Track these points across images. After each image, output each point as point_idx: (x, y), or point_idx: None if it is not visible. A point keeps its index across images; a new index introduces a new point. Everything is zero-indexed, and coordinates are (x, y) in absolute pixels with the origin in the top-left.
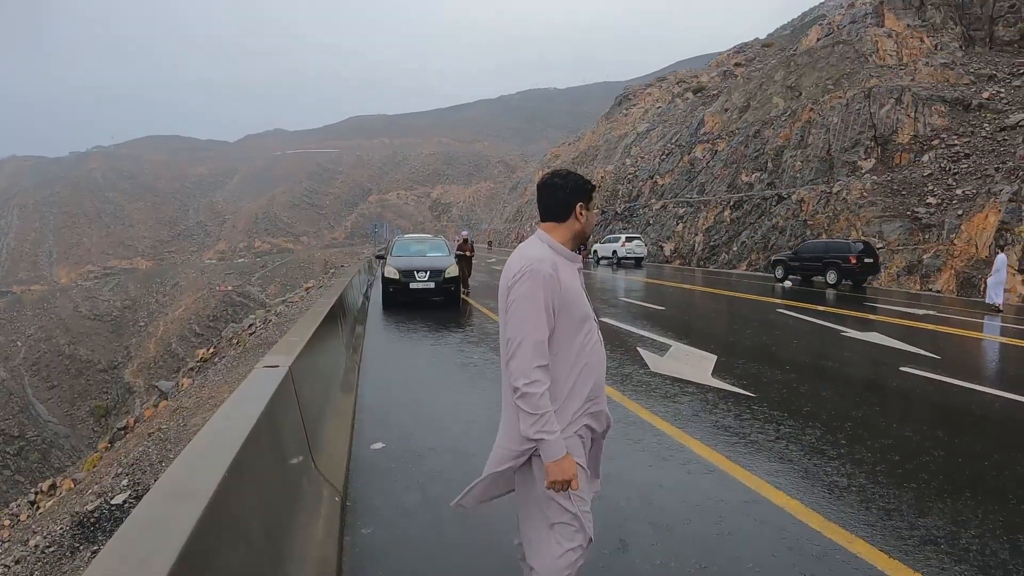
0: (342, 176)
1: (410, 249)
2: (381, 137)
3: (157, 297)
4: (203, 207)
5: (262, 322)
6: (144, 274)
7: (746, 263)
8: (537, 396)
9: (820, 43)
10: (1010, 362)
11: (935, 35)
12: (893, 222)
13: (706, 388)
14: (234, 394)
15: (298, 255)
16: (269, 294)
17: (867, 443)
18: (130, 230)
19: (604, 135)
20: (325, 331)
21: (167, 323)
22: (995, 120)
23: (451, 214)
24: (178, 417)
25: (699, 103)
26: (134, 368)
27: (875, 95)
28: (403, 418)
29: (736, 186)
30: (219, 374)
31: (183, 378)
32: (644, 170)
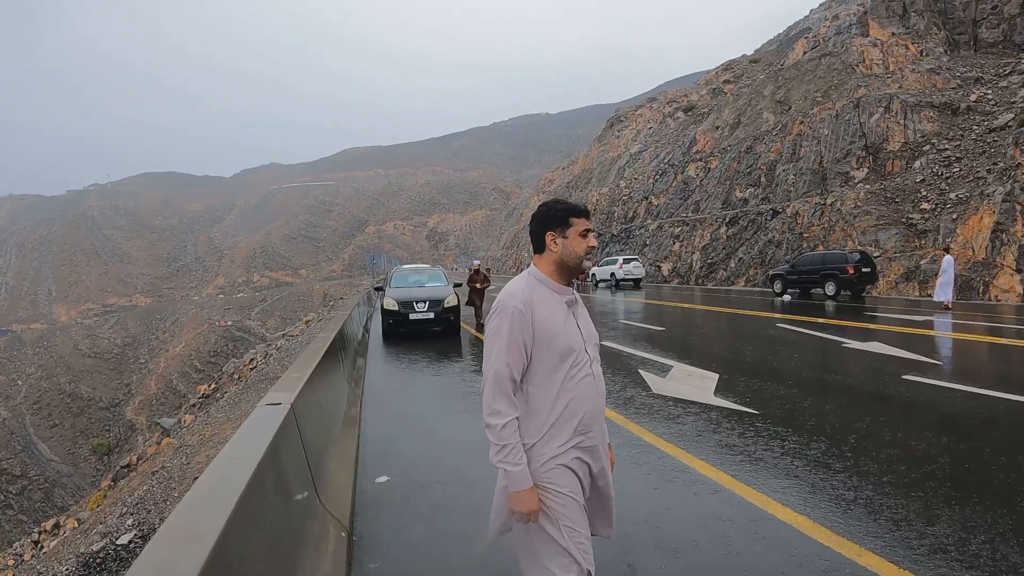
0: (338, 208)
1: (408, 280)
2: (376, 168)
3: (157, 334)
4: (200, 243)
5: (263, 356)
6: (143, 311)
7: (744, 279)
8: (498, 427)
9: (807, 56)
10: (1012, 363)
11: (920, 41)
12: (889, 230)
13: (709, 407)
14: (237, 434)
15: (297, 288)
16: (269, 328)
17: (872, 454)
18: (128, 267)
19: (597, 158)
20: (326, 365)
21: (168, 359)
22: (984, 122)
23: (448, 243)
24: (181, 455)
25: (690, 122)
26: (135, 405)
27: (864, 104)
28: (407, 450)
29: (731, 202)
30: (221, 410)
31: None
32: (638, 191)
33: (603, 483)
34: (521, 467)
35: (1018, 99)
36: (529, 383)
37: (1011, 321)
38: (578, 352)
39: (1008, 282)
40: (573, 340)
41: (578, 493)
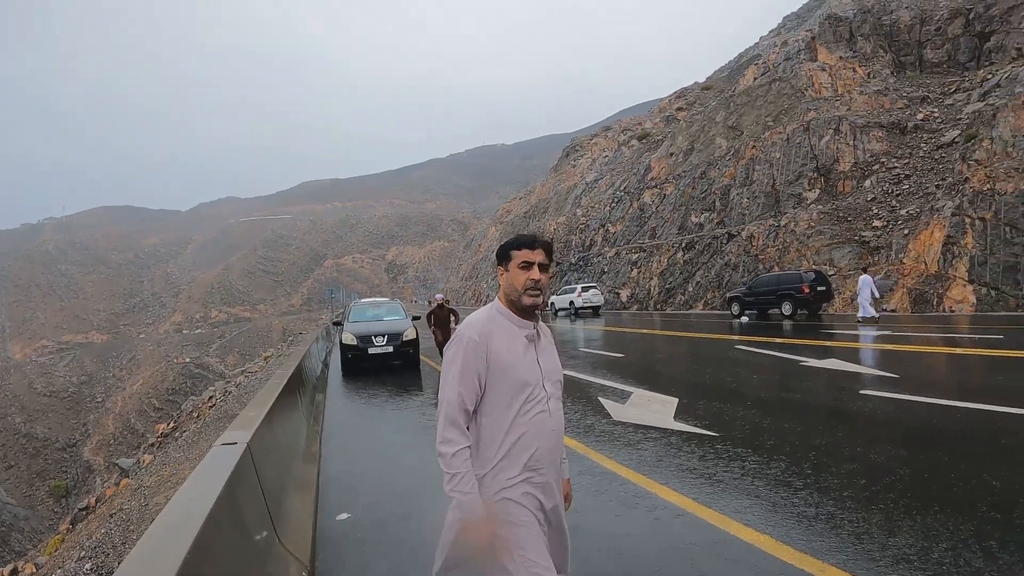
0: (297, 242)
1: (367, 314)
2: (334, 201)
3: (114, 372)
4: (158, 278)
5: (222, 394)
6: (100, 348)
7: (702, 302)
8: (449, 455)
9: (757, 82)
10: (966, 372)
11: (867, 64)
12: (842, 248)
13: (669, 432)
14: (192, 475)
15: (256, 324)
16: (228, 364)
17: (832, 470)
18: (84, 303)
19: (554, 187)
20: (284, 403)
21: (125, 398)
22: (932, 139)
23: (407, 275)
24: (140, 496)
25: (645, 149)
26: (93, 446)
27: (814, 127)
28: (368, 486)
29: (687, 227)
30: (180, 450)
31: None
32: (595, 219)
33: (555, 520)
34: (472, 495)
35: (964, 116)
36: (482, 414)
37: (965, 331)
38: (534, 387)
39: (961, 293)
40: (529, 374)
41: (532, 523)
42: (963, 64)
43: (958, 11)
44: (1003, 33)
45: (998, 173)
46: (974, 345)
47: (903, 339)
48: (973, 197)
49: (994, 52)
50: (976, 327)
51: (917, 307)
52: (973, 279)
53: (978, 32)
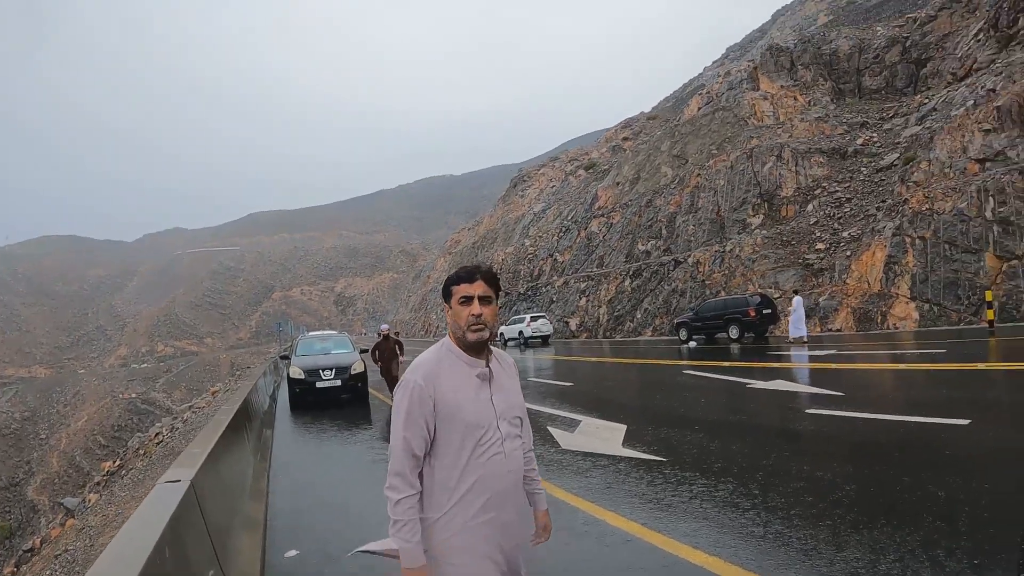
0: (244, 274)
1: (314, 347)
2: (282, 233)
3: (58, 407)
4: (102, 311)
5: (169, 430)
6: (43, 383)
7: (651, 329)
8: (393, 502)
9: (701, 111)
10: (909, 387)
11: (808, 92)
12: (787, 271)
13: (617, 459)
14: (133, 516)
15: (203, 358)
16: (175, 400)
17: (780, 489)
18: (27, 336)
19: (502, 218)
20: (229, 439)
21: (70, 435)
22: (871, 163)
23: (356, 307)
24: (85, 537)
25: (591, 179)
26: (37, 484)
27: (756, 154)
28: (317, 522)
29: (634, 255)
30: (126, 489)
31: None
32: (543, 249)
33: (513, 560)
34: (412, 545)
35: (902, 139)
36: (434, 457)
37: (908, 347)
38: (487, 429)
39: (904, 310)
40: (481, 416)
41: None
42: (900, 90)
43: (895, 39)
44: (938, 59)
45: (936, 193)
46: (918, 360)
47: (848, 357)
48: (912, 217)
49: (930, 77)
50: (919, 342)
51: (862, 326)
52: (915, 296)
53: (915, 59)
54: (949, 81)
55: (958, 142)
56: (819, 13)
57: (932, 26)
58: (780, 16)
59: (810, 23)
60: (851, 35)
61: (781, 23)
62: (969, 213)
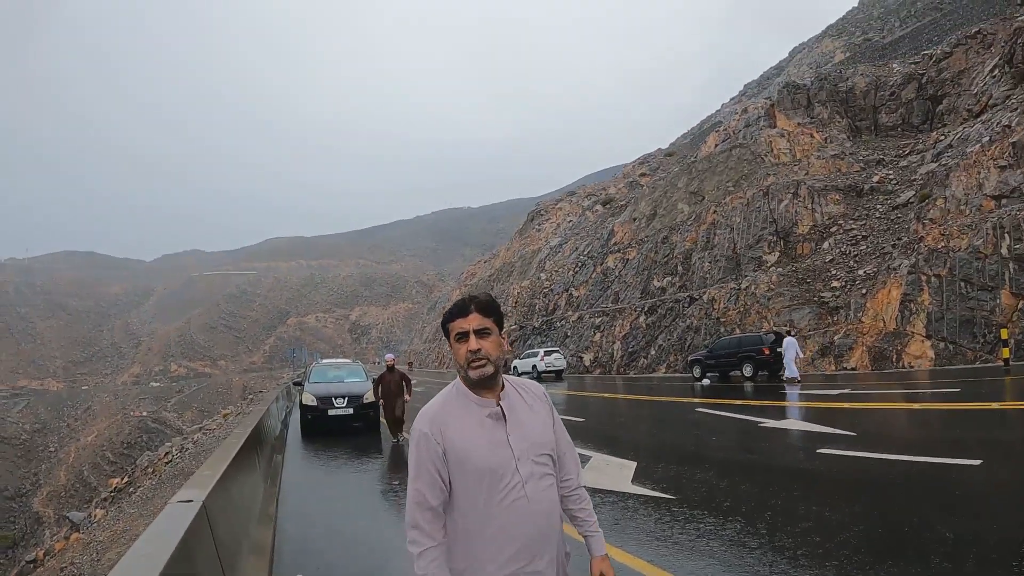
0: (260, 299)
1: (327, 375)
2: (299, 259)
3: (68, 421)
4: (117, 328)
5: (179, 450)
6: (55, 396)
7: (665, 366)
8: (415, 556)
9: (718, 148)
10: (922, 427)
11: (824, 129)
12: (802, 309)
13: (626, 496)
14: (147, 531)
15: (215, 380)
16: (186, 420)
17: (787, 529)
18: (41, 348)
19: (519, 251)
20: (241, 462)
21: (79, 449)
22: (887, 200)
23: (371, 336)
24: (91, 551)
25: (608, 214)
26: (43, 497)
27: (773, 192)
28: (324, 548)
29: (649, 291)
30: (134, 506)
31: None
32: (559, 283)
33: None
34: None
35: (918, 177)
36: (454, 507)
37: (923, 386)
38: (504, 473)
39: (919, 348)
40: (495, 460)
41: None
42: (916, 127)
43: (911, 76)
44: (954, 96)
45: (952, 231)
46: (932, 399)
47: (863, 397)
48: (928, 255)
49: (946, 114)
50: (934, 382)
51: (877, 364)
52: (931, 334)
53: (930, 95)
54: (965, 117)
55: (974, 179)
56: (836, 50)
57: (948, 63)
58: (798, 53)
59: (827, 60)
60: (867, 72)
61: (798, 60)
62: (985, 250)
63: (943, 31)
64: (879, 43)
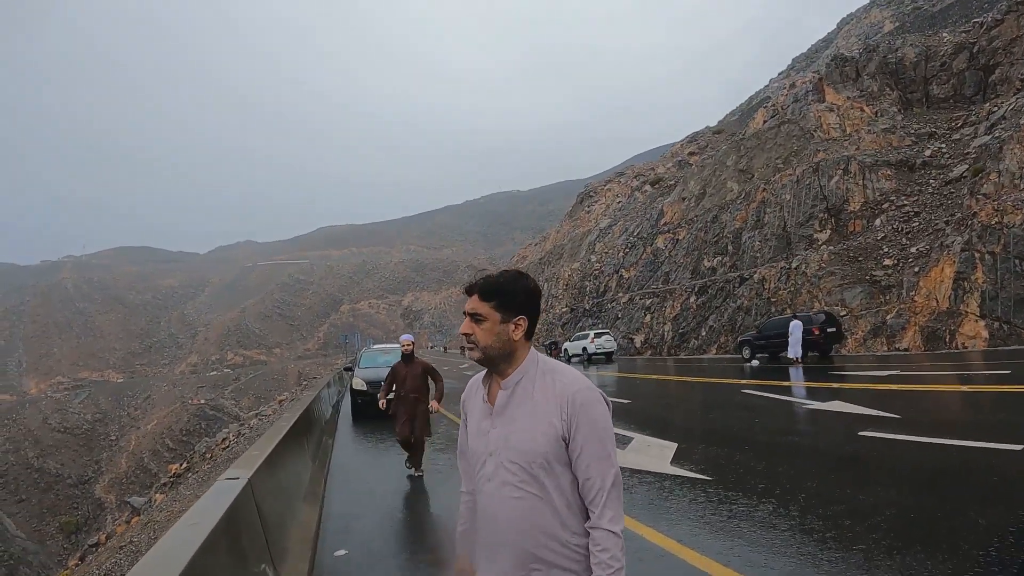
0: (313, 287)
1: (378, 360)
2: (351, 247)
3: (128, 411)
4: (174, 319)
5: (235, 436)
6: (115, 387)
7: (716, 346)
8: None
9: (767, 125)
10: (969, 409)
11: (874, 103)
12: (854, 288)
13: (664, 476)
14: (195, 504)
15: (271, 367)
16: (243, 407)
17: (818, 511)
18: (101, 341)
19: (569, 233)
20: (289, 444)
21: (139, 437)
22: (940, 175)
23: (423, 321)
24: (149, 530)
25: (657, 194)
26: (105, 483)
27: (823, 168)
28: (367, 526)
29: (699, 272)
30: (191, 488)
31: (156, 493)
32: (609, 265)
33: None
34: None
35: (971, 150)
36: None
37: (975, 368)
38: (476, 462)
39: (973, 328)
40: (475, 445)
41: None
42: (969, 98)
43: (962, 46)
44: (1007, 65)
45: (1006, 206)
46: (982, 381)
47: (913, 378)
48: (982, 231)
49: (999, 84)
50: (986, 363)
51: (929, 344)
52: (985, 314)
53: (982, 65)
54: (1018, 88)
55: None
56: (885, 20)
57: (999, 31)
58: (846, 24)
59: (876, 30)
60: (917, 43)
61: (847, 31)
62: None
63: None
64: (928, 11)
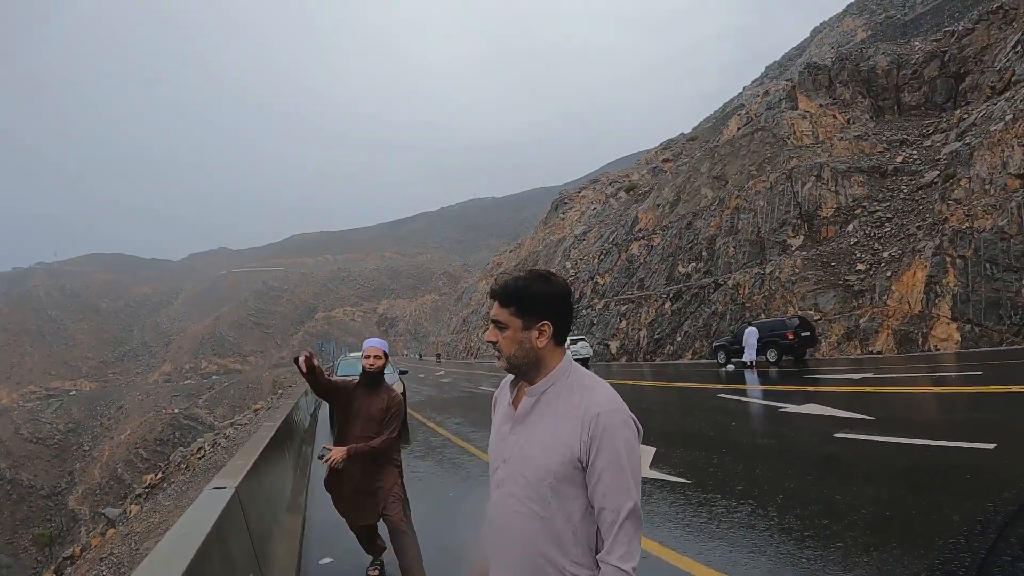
0: (288, 294)
1: (355, 368)
2: (325, 254)
3: (101, 420)
4: (148, 327)
5: (211, 446)
6: (88, 396)
7: (691, 352)
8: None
9: (740, 132)
10: (941, 410)
11: (847, 110)
12: (827, 293)
13: (643, 480)
14: (185, 514)
15: (246, 375)
16: (217, 416)
17: (796, 511)
18: (73, 350)
19: (543, 240)
20: (271, 453)
21: (112, 447)
22: (911, 181)
23: (398, 328)
24: (130, 541)
25: (632, 201)
26: (78, 495)
27: (796, 175)
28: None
29: (674, 278)
30: (170, 499)
31: (131, 504)
32: (584, 271)
33: None
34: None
35: (942, 156)
36: None
37: (947, 369)
38: (491, 464)
39: (945, 331)
40: (493, 446)
41: None
42: (940, 105)
43: (933, 54)
44: (977, 73)
45: (976, 211)
46: (954, 383)
47: (885, 381)
48: (953, 236)
49: (970, 92)
50: (959, 364)
51: (902, 347)
52: (957, 317)
53: (953, 73)
54: (988, 95)
55: (998, 157)
56: (857, 29)
57: (970, 39)
58: (819, 33)
59: (848, 39)
60: (889, 51)
61: (820, 40)
62: (1010, 230)
63: (965, 6)
64: (901, 20)
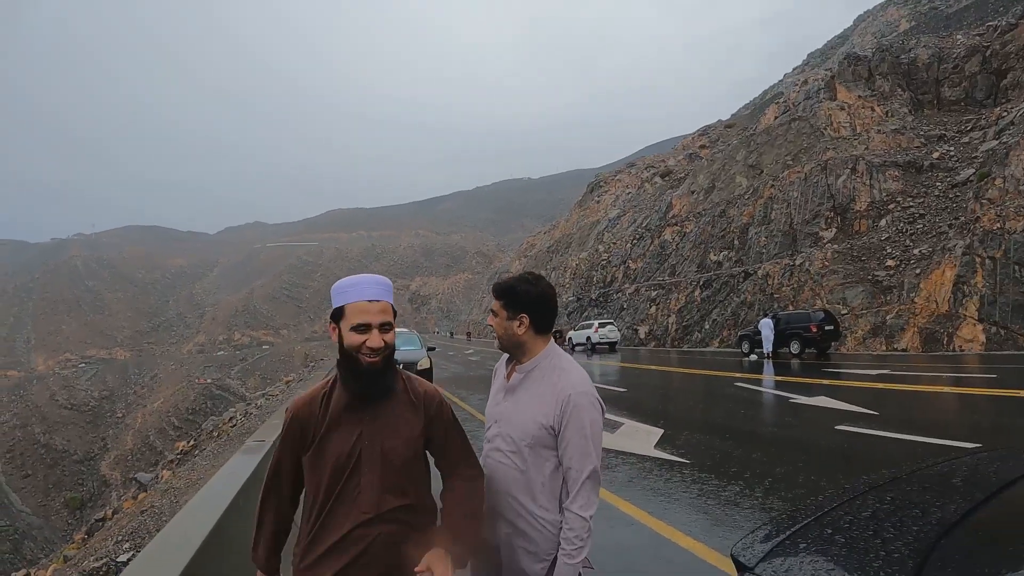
0: (321, 269)
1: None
2: (359, 230)
3: (135, 388)
4: (182, 299)
5: (243, 415)
6: (122, 364)
7: (718, 340)
8: None
9: (778, 121)
10: (948, 410)
11: (885, 103)
12: (855, 287)
13: (646, 458)
14: (226, 465)
15: (278, 348)
16: (249, 387)
17: (781, 494)
18: (109, 319)
19: (578, 223)
20: None
21: (145, 415)
22: (947, 178)
23: (430, 306)
24: (170, 495)
25: (667, 187)
26: (111, 460)
27: (831, 167)
28: None
29: (705, 265)
30: (206, 459)
31: (163, 470)
32: (617, 255)
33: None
34: None
35: (979, 154)
36: None
37: (966, 370)
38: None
39: (971, 332)
40: (491, 406)
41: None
42: (980, 102)
43: (975, 48)
44: (1019, 70)
45: (1008, 212)
46: (968, 384)
47: (902, 379)
48: (983, 236)
49: (1010, 89)
50: (979, 367)
51: (927, 346)
52: (983, 318)
53: (995, 69)
54: None
55: None
56: (901, 19)
57: (1012, 35)
58: (862, 21)
59: (891, 29)
60: (930, 44)
61: (863, 28)
62: None
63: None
64: (944, 12)
